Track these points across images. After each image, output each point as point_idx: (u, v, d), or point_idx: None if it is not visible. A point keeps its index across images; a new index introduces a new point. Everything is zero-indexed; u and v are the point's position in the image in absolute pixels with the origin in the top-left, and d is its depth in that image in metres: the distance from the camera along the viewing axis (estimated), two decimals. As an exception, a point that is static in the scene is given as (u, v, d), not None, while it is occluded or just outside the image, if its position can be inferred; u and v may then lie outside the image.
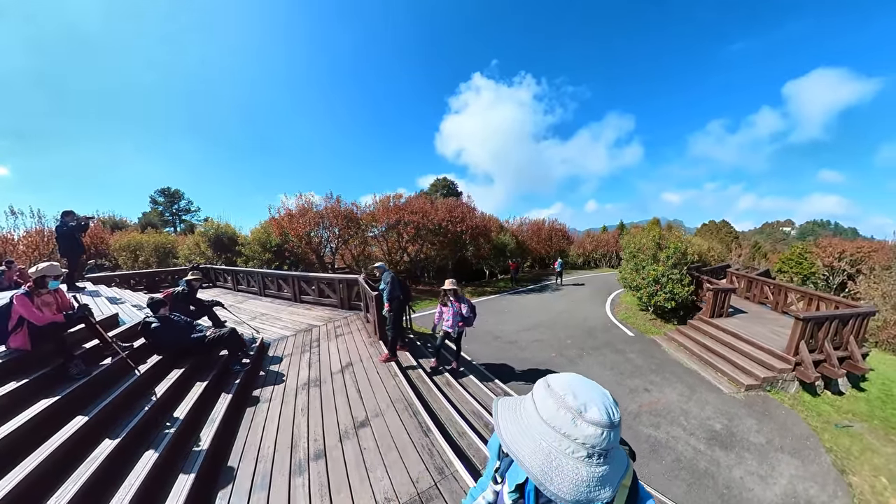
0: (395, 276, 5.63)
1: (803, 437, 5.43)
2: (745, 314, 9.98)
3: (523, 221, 26.95)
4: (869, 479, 4.64)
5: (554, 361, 7.55)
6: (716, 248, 21.51)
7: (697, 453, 4.78)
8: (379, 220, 14.95)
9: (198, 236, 16.49)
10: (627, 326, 10.57)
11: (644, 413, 5.71)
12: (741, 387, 6.78)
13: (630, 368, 7.41)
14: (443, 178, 33.15)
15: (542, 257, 27.46)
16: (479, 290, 15.69)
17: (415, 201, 15.46)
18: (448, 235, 14.92)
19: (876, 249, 20.19)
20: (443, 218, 14.71)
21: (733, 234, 40.56)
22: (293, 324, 7.37)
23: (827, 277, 21.62)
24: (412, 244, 15.01)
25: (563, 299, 14.53)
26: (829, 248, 21.84)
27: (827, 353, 7.08)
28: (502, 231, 22.60)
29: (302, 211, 13.75)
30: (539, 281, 19.82)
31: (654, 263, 11.01)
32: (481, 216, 17.67)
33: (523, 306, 12.83)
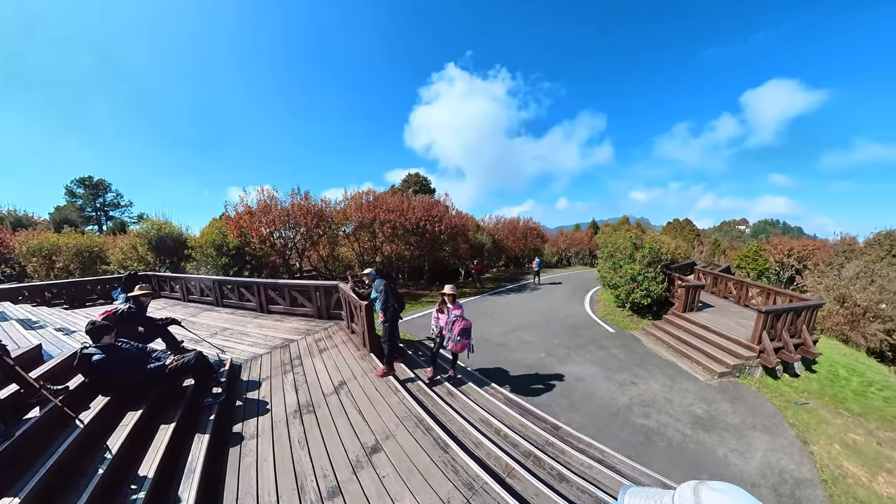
0: (387, 283, 5.57)
1: (770, 415, 6.41)
2: (712, 308, 11.25)
3: (499, 220, 27.86)
4: (826, 448, 5.65)
5: (545, 362, 8.04)
6: (682, 245, 23.76)
7: (685, 437, 5.47)
8: (351, 218, 14.72)
9: (134, 238, 15.14)
10: (608, 323, 11.43)
11: (634, 405, 6.35)
12: (714, 374, 7.74)
13: (616, 364, 8.10)
14: (415, 174, 32.93)
15: (517, 256, 28.49)
16: (459, 293, 15.96)
17: (390, 199, 15.41)
18: (426, 235, 15.09)
19: (819, 247, 23.87)
20: (420, 217, 14.87)
21: (695, 233, 44.79)
22: (264, 339, 6.93)
23: (778, 272, 24.77)
24: (388, 244, 14.97)
25: (543, 298, 15.29)
26: (779, 246, 25.36)
27: (784, 340, 8.27)
28: (479, 230, 23.22)
29: (265, 208, 12.97)
30: (516, 280, 20.63)
31: (632, 262, 12.01)
32: (458, 215, 18.02)
33: (505, 307, 13.35)
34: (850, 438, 6.00)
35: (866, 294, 12.03)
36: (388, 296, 5.51)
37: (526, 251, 28.00)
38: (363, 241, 15.74)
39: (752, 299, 11.60)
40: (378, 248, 15.72)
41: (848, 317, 11.99)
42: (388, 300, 5.50)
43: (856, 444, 5.85)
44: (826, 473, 5.07)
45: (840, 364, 9.43)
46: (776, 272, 24.94)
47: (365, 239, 15.61)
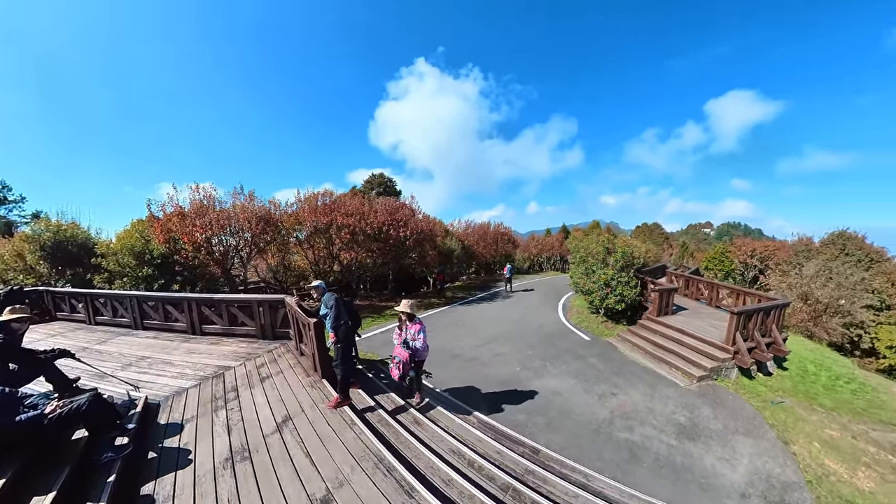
0: (339, 297, 5.17)
1: (750, 417, 6.61)
2: (686, 310, 11.68)
3: (469, 224, 27.88)
4: (806, 446, 5.89)
5: (520, 376, 7.83)
6: (651, 249, 25.03)
7: (671, 449, 5.43)
8: (304, 222, 13.83)
9: (21, 242, 12.59)
10: (582, 331, 11.52)
11: (616, 418, 6.25)
12: (693, 379, 7.92)
13: (594, 374, 8.06)
14: (379, 174, 31.95)
15: (489, 262, 28.64)
16: (427, 303, 15.59)
17: (349, 201, 14.72)
18: (389, 241, 14.56)
19: (779, 248, 26.38)
20: (383, 221, 14.34)
21: (664, 236, 47.76)
22: (194, 368, 6.14)
23: (742, 272, 26.78)
24: (347, 251, 14.27)
25: (515, 307, 15.27)
26: (743, 248, 27.73)
27: (757, 340, 8.69)
28: (448, 236, 23.02)
29: (200, 209, 11.56)
30: (488, 288, 20.58)
31: (605, 267, 12.27)
32: (425, 219, 17.67)
33: (476, 317, 13.12)
34: (826, 434, 6.34)
35: (826, 291, 13.14)
36: (339, 312, 5.03)
37: (497, 257, 28.19)
38: (319, 248, 14.89)
39: (722, 300, 12.20)
40: (335, 256, 14.92)
41: (811, 313, 13.00)
42: (341, 317, 5.02)
43: (833, 440, 6.17)
44: (810, 474, 5.24)
45: (808, 360, 10.07)
46: (741, 272, 26.99)
47: (321, 246, 14.77)
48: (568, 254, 24.75)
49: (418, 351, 5.13)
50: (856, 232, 23.38)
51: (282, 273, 15.01)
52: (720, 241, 42.59)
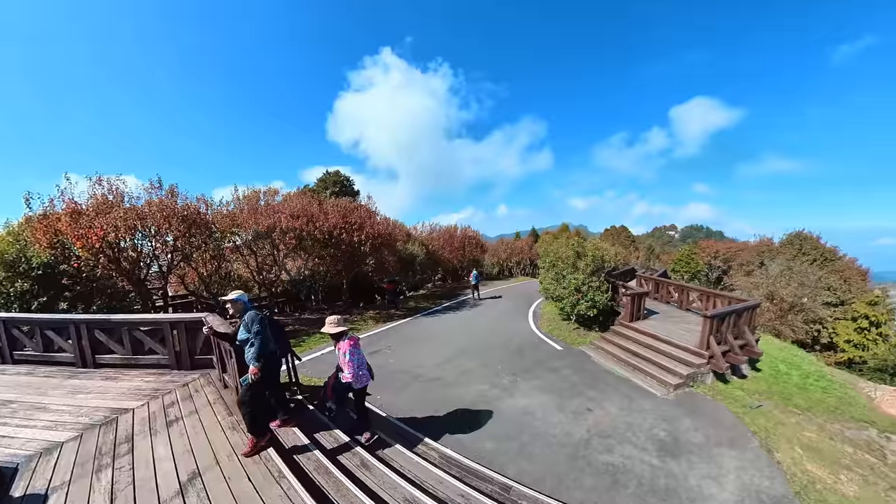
0: (263, 316, 4.38)
1: (731, 425, 6.60)
2: (657, 314, 11.91)
3: (434, 228, 27.37)
4: (789, 453, 5.91)
5: (489, 395, 7.39)
6: (620, 252, 25.91)
7: (654, 470, 5.18)
8: (243, 224, 12.64)
9: None
10: (554, 339, 11.38)
11: (594, 437, 5.97)
12: (670, 388, 7.89)
13: (567, 387, 7.81)
14: (335, 172, 30.32)
15: (456, 268, 28.33)
16: (386, 315, 14.84)
17: (296, 200, 13.68)
18: (342, 246, 13.70)
19: (741, 249, 28.45)
20: (335, 224, 13.49)
21: (631, 239, 50.09)
22: (76, 413, 5.09)
23: (707, 273, 28.46)
24: (293, 258, 13.24)
25: (483, 316, 14.97)
26: (707, 249, 29.71)
27: (730, 343, 8.89)
28: (410, 240, 22.41)
29: (103, 206, 9.79)
30: (454, 296, 20.17)
31: (575, 272, 12.26)
32: (385, 222, 16.94)
33: (440, 330, 12.62)
34: (806, 437, 6.44)
35: (790, 290, 14.04)
36: (264, 340, 4.20)
37: (464, 262, 27.95)
38: (262, 254, 13.71)
39: (693, 303, 12.58)
40: (281, 264, 13.81)
41: (777, 312, 13.79)
42: (265, 344, 4.22)
43: (812, 443, 6.27)
44: (796, 483, 5.21)
45: (779, 359, 10.48)
46: (706, 274, 28.70)
47: (265, 252, 13.61)
48: (538, 258, 25.04)
49: (350, 378, 4.54)
50: (811, 232, 25.64)
51: (217, 285, 13.53)
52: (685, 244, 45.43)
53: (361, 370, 4.68)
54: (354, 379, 4.54)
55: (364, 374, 4.71)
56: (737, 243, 32.03)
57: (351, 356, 4.51)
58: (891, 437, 6.74)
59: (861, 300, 19.99)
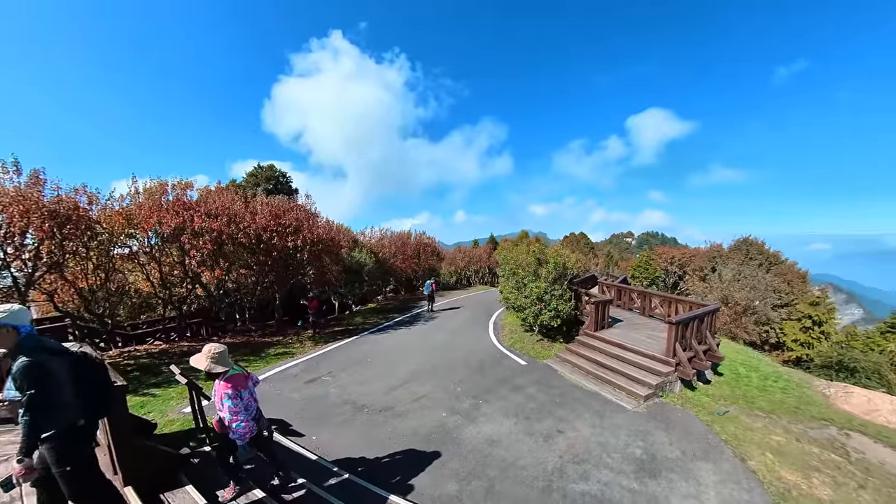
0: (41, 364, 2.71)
1: (703, 435, 6.77)
2: (622, 322, 12.24)
3: (384, 234, 26.65)
4: (762, 460, 6.12)
5: (448, 425, 6.93)
6: (580, 259, 26.98)
7: (635, 495, 5.05)
8: (142, 224, 10.95)
9: None
10: (517, 353, 11.26)
11: (567, 463, 5.77)
12: (640, 399, 8.02)
13: (535, 408, 7.62)
14: (268, 167, 27.99)
15: (410, 278, 27.75)
16: (328, 333, 13.82)
17: (215, 197, 12.38)
18: (273, 253, 12.54)
19: (695, 254, 30.83)
20: (264, 226, 12.38)
21: (590, 245, 52.66)
22: None
23: (664, 279, 30.48)
24: (209, 267, 11.80)
25: (440, 330, 14.57)
26: (663, 255, 31.94)
27: (695, 349, 9.27)
28: (357, 246, 21.54)
29: None
30: (407, 309, 19.55)
31: (537, 280, 12.31)
32: (327, 225, 15.96)
33: (391, 348, 11.98)
34: (774, 441, 6.76)
35: (743, 294, 15.24)
36: (43, 404, 2.72)
37: (419, 271, 27.47)
38: (169, 261, 12.12)
39: (655, 309, 13.11)
40: (194, 275, 12.24)
41: (732, 315, 14.87)
42: (51, 415, 2.78)
43: (781, 447, 6.59)
44: (774, 492, 5.36)
45: (738, 362, 11.18)
46: (663, 279, 30.73)
47: (172, 259, 12.05)
48: (497, 266, 25.24)
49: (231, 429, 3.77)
50: (756, 238, 28.51)
51: (105, 303, 11.55)
52: (641, 250, 48.66)
53: (242, 420, 3.80)
54: (240, 429, 3.79)
55: (247, 426, 3.84)
56: (690, 249, 34.80)
57: (233, 401, 3.72)
58: (850, 434, 7.28)
59: (803, 301, 22.37)
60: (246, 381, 3.96)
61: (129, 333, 12.29)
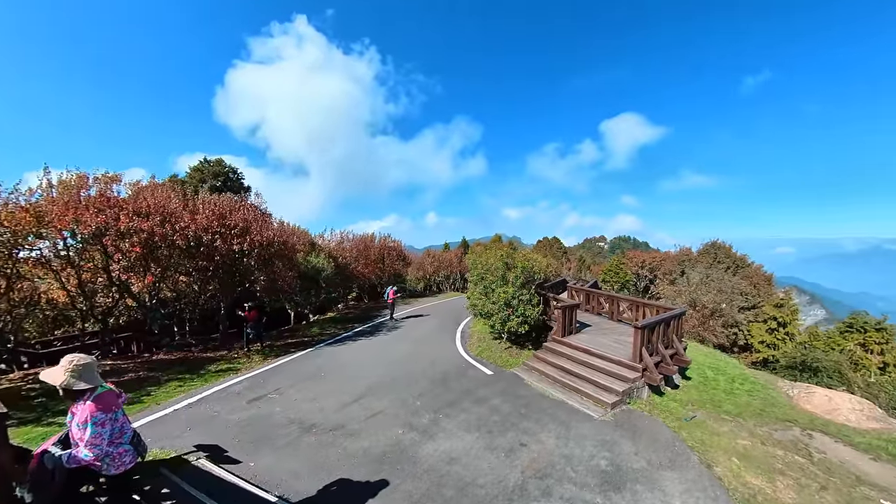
0: None
1: (670, 442, 6.84)
2: (590, 327, 12.42)
3: (345, 237, 26.10)
4: (727, 465, 6.23)
5: (404, 442, 6.67)
6: (552, 263, 27.42)
7: None
8: (55, 223, 9.85)
9: None
10: (484, 363, 11.17)
11: (530, 479, 5.64)
12: (607, 407, 8.07)
13: (498, 421, 7.50)
14: (216, 161, 26.06)
15: (374, 285, 27.27)
16: (280, 346, 13.18)
17: (148, 194, 11.50)
18: (216, 257, 11.82)
19: (665, 258, 32.19)
20: (206, 226, 11.66)
21: (563, 250, 53.83)
22: None
23: (635, 283, 31.50)
24: (139, 273, 10.90)
25: (403, 340, 14.30)
26: (634, 259, 33.17)
27: (661, 353, 9.47)
28: (314, 250, 20.92)
29: None
30: (369, 318, 19.13)
31: (504, 285, 12.31)
32: (280, 227, 15.30)
33: (349, 361, 11.58)
34: (740, 446, 6.92)
35: (710, 297, 15.87)
36: None
37: (384, 277, 27.02)
38: (91, 266, 11.19)
39: (623, 313, 13.40)
40: (121, 282, 11.23)
41: (700, 318, 15.42)
42: None
43: (747, 451, 6.75)
44: (738, 499, 5.44)
45: (706, 365, 11.53)
46: (634, 283, 31.76)
47: (94, 263, 11.13)
48: (468, 271, 25.22)
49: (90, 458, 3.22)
50: (724, 242, 30.04)
51: (7, 316, 10.31)
52: (614, 254, 50.21)
53: (118, 446, 3.38)
54: (105, 461, 3.31)
55: (125, 453, 3.43)
56: (660, 253, 36.33)
57: (96, 426, 3.20)
58: (812, 435, 7.58)
59: (769, 303, 23.65)
60: (118, 399, 3.48)
61: (39, 352, 11.21)
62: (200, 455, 6.01)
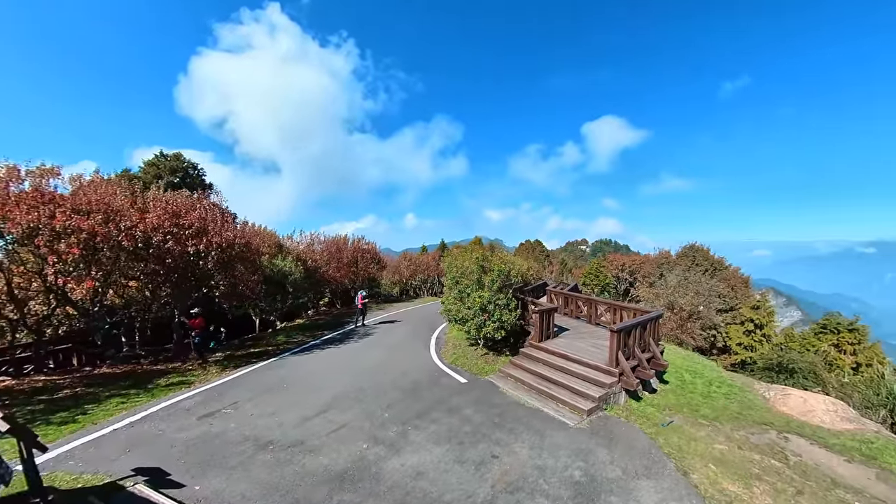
0: None
1: (646, 450, 6.81)
2: (568, 331, 12.44)
3: (315, 239, 25.54)
4: (704, 472, 6.24)
5: (368, 458, 6.41)
6: (533, 266, 27.57)
7: None
8: None
9: None
10: (459, 371, 11.01)
11: (500, 494, 5.50)
12: (583, 414, 8.03)
13: (469, 432, 7.34)
14: (174, 155, 24.68)
15: (347, 289, 26.82)
16: (241, 356, 12.64)
17: (90, 190, 10.81)
18: (167, 260, 11.27)
19: (644, 261, 32.89)
20: (157, 226, 11.08)
21: (546, 253, 54.32)
22: None
23: (616, 286, 32.01)
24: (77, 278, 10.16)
25: (374, 348, 14.01)
26: (615, 262, 33.73)
27: (638, 357, 9.51)
28: (282, 253, 20.38)
29: None
30: (340, 325, 18.68)
31: (480, 289, 12.18)
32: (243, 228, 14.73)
33: (315, 371, 11.20)
34: (717, 451, 6.95)
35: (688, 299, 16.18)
36: None
37: (357, 281, 26.54)
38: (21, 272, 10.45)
39: (601, 316, 13.48)
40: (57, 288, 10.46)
41: (678, 321, 15.68)
42: None
43: (724, 456, 6.78)
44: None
45: (683, 368, 11.65)
46: (614, 286, 32.29)
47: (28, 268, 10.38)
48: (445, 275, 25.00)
49: None
50: (702, 245, 30.85)
51: None
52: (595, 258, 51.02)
53: None
54: None
55: None
56: (640, 256, 37.16)
57: None
58: (788, 437, 7.68)
59: (746, 305, 24.36)
60: None
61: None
62: (138, 480, 5.60)
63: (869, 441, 7.57)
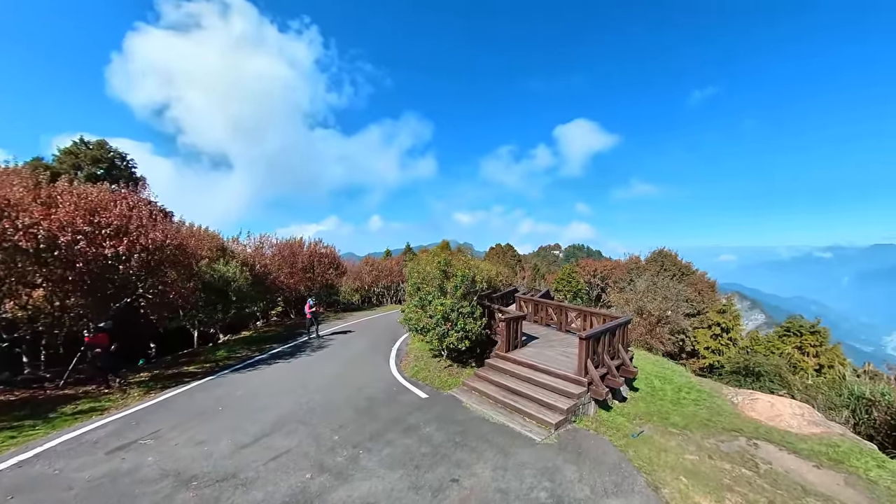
0: None
1: (616, 464, 6.72)
2: (537, 340, 12.33)
3: (265, 241, 24.53)
4: (675, 485, 6.20)
5: (310, 490, 5.90)
6: (503, 272, 27.60)
7: None
8: None
9: None
10: (419, 385, 10.67)
11: None
12: (551, 428, 7.87)
13: (427, 453, 6.97)
14: (98, 143, 22.45)
15: (304, 297, 26.05)
16: (171, 375, 11.64)
17: None
18: (78, 264, 10.16)
19: (615, 267, 34.11)
20: (66, 224, 9.99)
21: (517, 258, 54.74)
22: None
23: (588, 291, 32.73)
24: None
25: (328, 362, 13.41)
26: (587, 268, 34.74)
27: (607, 364, 9.51)
28: (224, 256, 19.24)
29: None
30: (292, 337, 17.79)
31: (442, 296, 11.89)
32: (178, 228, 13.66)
33: (258, 390, 10.46)
34: (688, 462, 6.95)
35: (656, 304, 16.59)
36: None
37: (314, 288, 25.61)
38: None
39: (571, 323, 13.50)
40: None
41: (647, 326, 16.00)
42: None
43: (694, 467, 6.78)
44: None
45: (653, 375, 11.79)
46: (587, 291, 33.03)
47: None
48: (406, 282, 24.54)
49: None
50: (670, 250, 32.25)
51: None
52: (568, 263, 51.97)
53: None
54: None
55: None
56: (611, 261, 38.51)
57: None
58: (758, 444, 7.78)
59: (713, 309, 25.38)
60: None
61: None
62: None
63: (835, 445, 7.77)
